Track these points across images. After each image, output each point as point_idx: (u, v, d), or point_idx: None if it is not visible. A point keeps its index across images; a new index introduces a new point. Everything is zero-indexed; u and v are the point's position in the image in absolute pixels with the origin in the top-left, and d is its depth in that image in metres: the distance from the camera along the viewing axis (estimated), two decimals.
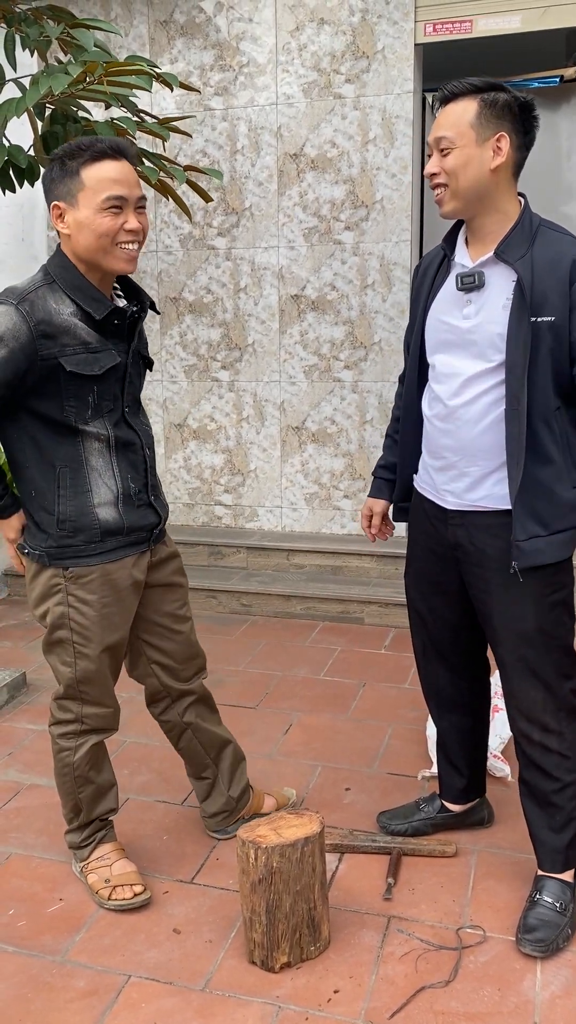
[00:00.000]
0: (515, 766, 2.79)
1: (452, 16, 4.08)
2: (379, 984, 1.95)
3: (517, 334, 1.89)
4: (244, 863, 1.97)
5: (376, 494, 2.38)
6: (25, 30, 2.38)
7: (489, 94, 1.89)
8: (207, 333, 4.69)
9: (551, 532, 1.97)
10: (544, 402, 1.94)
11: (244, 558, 4.60)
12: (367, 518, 2.40)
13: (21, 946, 2.09)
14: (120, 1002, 1.91)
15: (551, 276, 1.89)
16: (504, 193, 1.95)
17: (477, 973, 1.97)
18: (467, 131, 1.89)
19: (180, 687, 2.32)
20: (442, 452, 2.08)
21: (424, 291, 2.13)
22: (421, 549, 2.24)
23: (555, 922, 2.05)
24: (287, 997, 1.91)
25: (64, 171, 1.92)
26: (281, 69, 4.33)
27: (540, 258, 1.90)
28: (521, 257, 1.91)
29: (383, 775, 2.81)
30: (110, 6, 4.56)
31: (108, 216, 1.91)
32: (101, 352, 1.98)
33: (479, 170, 1.90)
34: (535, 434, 1.94)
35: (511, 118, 1.90)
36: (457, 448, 2.04)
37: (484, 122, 1.88)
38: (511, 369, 1.91)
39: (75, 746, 2.20)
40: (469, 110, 1.89)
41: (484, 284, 1.96)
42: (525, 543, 1.96)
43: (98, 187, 1.90)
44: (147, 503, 2.14)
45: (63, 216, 1.94)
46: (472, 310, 1.98)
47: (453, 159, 1.90)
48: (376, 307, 4.37)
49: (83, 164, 1.91)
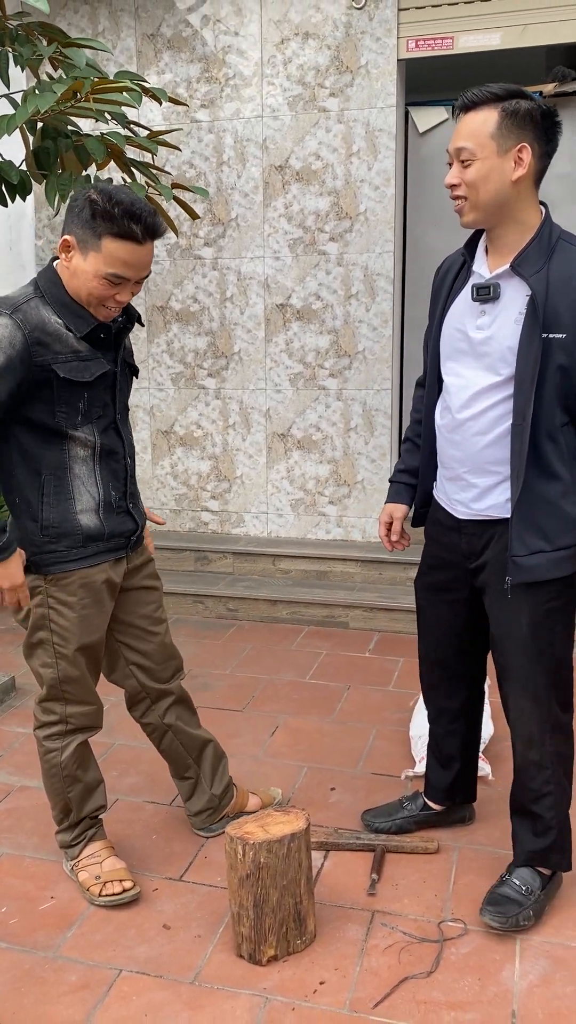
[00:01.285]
0: (496, 766, 2.87)
1: (434, 33, 4.17)
2: (363, 975, 2.01)
3: (528, 350, 1.88)
4: (232, 859, 2.03)
5: (395, 499, 2.33)
6: (18, 49, 2.45)
7: (510, 103, 1.84)
8: (194, 341, 4.75)
9: (555, 548, 1.97)
10: (551, 418, 1.93)
11: (230, 563, 4.66)
12: (386, 525, 2.34)
13: (14, 942, 2.13)
14: (112, 995, 1.96)
15: (565, 293, 1.87)
16: (525, 203, 1.92)
17: (458, 964, 2.04)
18: (488, 142, 1.84)
19: (159, 687, 2.38)
20: (450, 463, 2.10)
21: (442, 296, 2.11)
22: (433, 556, 2.26)
23: (518, 901, 2.13)
24: (274, 988, 1.97)
25: (90, 224, 1.93)
26: (267, 82, 4.41)
27: (556, 274, 1.88)
28: (537, 272, 1.88)
29: (367, 775, 2.87)
30: (98, 19, 4.62)
31: (105, 284, 1.97)
32: (91, 360, 2.05)
33: (500, 182, 1.86)
34: (541, 449, 1.94)
35: (533, 127, 1.86)
36: (464, 460, 2.05)
37: (505, 132, 1.84)
38: (519, 385, 1.90)
39: (62, 746, 2.25)
40: (490, 120, 1.84)
41: (499, 296, 1.94)
42: (524, 559, 1.96)
43: (110, 261, 1.94)
44: (126, 511, 2.21)
45: (70, 251, 1.99)
46: (486, 321, 1.97)
47: (474, 171, 1.86)
48: (360, 317, 4.45)
49: (108, 234, 1.92)
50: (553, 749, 2.12)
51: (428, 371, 2.20)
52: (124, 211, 1.92)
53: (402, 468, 2.34)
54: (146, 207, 1.95)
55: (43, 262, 4.93)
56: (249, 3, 4.36)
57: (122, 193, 1.96)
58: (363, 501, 4.61)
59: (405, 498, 2.32)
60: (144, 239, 1.95)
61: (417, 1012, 1.90)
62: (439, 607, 2.29)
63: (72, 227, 1.97)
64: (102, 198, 1.94)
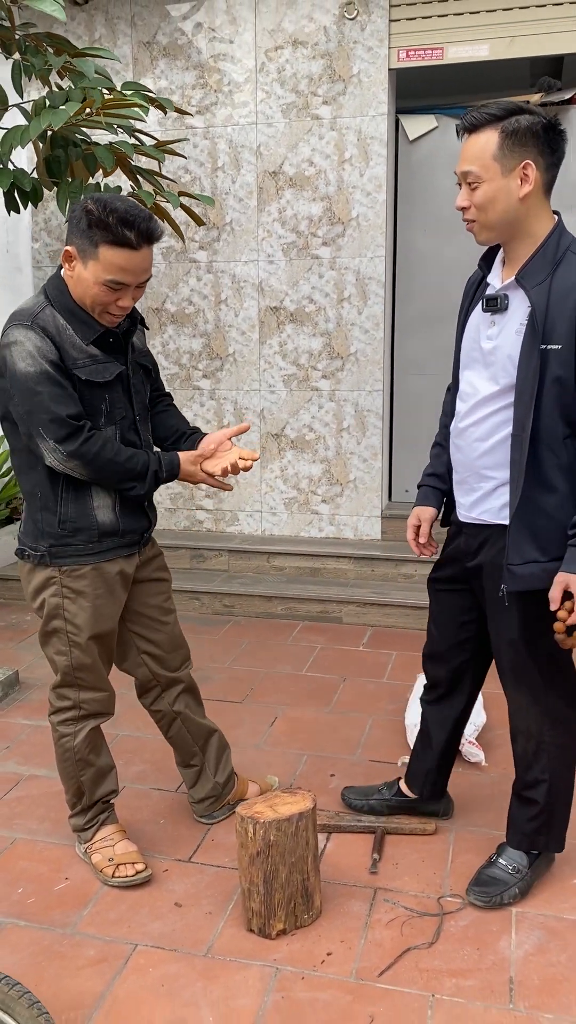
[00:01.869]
0: (489, 753, 2.98)
1: (424, 43, 4.29)
2: (368, 947, 2.11)
3: (528, 361, 1.92)
4: (243, 837, 2.12)
5: (423, 502, 2.36)
6: (30, 59, 2.54)
7: (510, 121, 1.87)
8: (189, 343, 4.85)
9: (550, 559, 2.00)
10: (551, 429, 1.96)
11: (226, 561, 4.75)
12: (414, 528, 2.36)
13: (32, 920, 2.22)
14: (129, 967, 2.05)
15: (564, 305, 1.90)
16: (535, 216, 1.95)
17: (458, 935, 2.14)
18: (491, 164, 1.88)
19: (169, 675, 2.47)
20: (457, 466, 2.18)
21: (464, 307, 2.17)
22: (446, 554, 2.34)
23: (504, 880, 2.25)
24: (284, 960, 2.07)
25: (87, 233, 2.00)
26: (261, 90, 4.51)
27: (558, 286, 1.91)
28: (539, 283, 1.92)
29: (365, 762, 2.97)
30: (94, 27, 4.71)
31: (106, 290, 2.04)
32: (106, 363, 2.14)
33: (507, 202, 1.91)
34: (540, 460, 1.97)
35: (535, 141, 1.88)
36: (467, 464, 2.13)
37: (508, 152, 1.87)
38: (519, 396, 1.95)
39: (75, 731, 2.34)
40: (491, 142, 1.88)
41: (508, 307, 2.00)
42: (519, 567, 2.01)
43: (107, 268, 2.01)
44: (141, 508, 2.30)
45: (72, 261, 2.06)
46: (495, 331, 2.03)
47: (481, 194, 1.91)
48: (352, 319, 4.56)
49: (104, 242, 1.99)
50: (552, 741, 2.20)
51: (452, 378, 2.27)
52: (119, 219, 1.98)
53: (430, 472, 2.37)
54: (141, 213, 2.01)
55: (39, 264, 5.00)
56: (244, 12, 4.46)
57: (117, 201, 2.03)
58: (355, 500, 4.72)
59: (432, 501, 2.35)
60: (139, 245, 2.01)
61: (420, 979, 2.01)
62: (445, 601, 2.37)
63: (72, 237, 2.05)
64: (97, 207, 2.00)
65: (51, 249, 4.97)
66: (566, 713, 2.20)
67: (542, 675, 2.16)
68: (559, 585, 1.94)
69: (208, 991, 1.98)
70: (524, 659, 2.15)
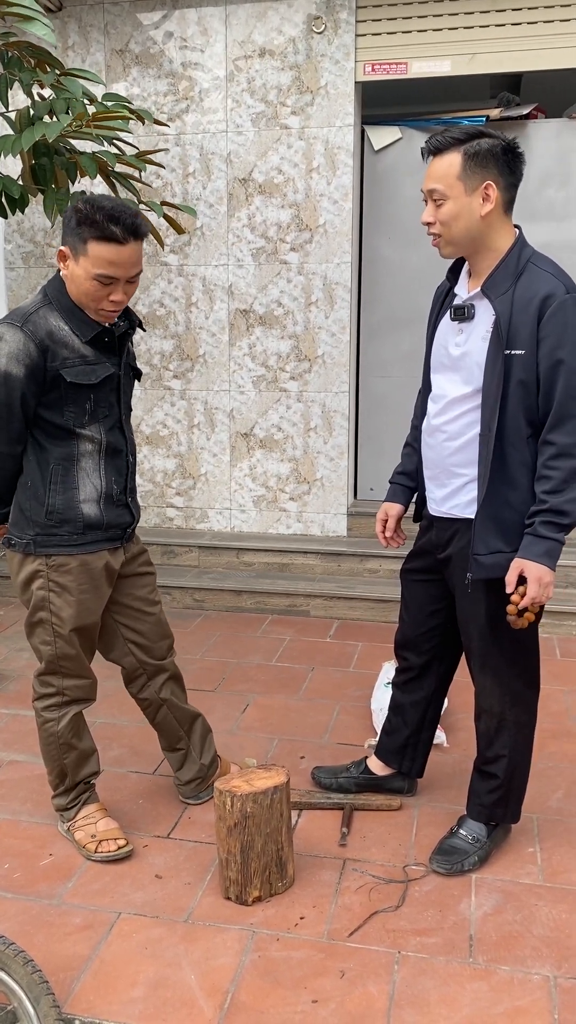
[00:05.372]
0: (450, 736, 3.14)
1: (389, 58, 4.46)
2: (338, 911, 2.26)
3: (493, 366, 2.07)
4: (221, 810, 2.26)
5: (391, 499, 2.52)
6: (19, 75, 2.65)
7: (472, 144, 2.03)
8: (160, 344, 4.96)
9: (513, 549, 2.14)
10: (516, 429, 2.10)
11: (196, 557, 4.88)
12: (382, 522, 2.51)
13: (19, 892, 2.33)
14: (114, 933, 2.18)
15: (525, 312, 2.04)
16: (496, 232, 2.11)
17: (422, 899, 2.30)
18: (455, 183, 2.04)
19: (155, 663, 2.59)
20: (427, 463, 2.34)
21: (433, 316, 2.33)
22: (417, 546, 2.49)
23: (464, 849, 2.41)
24: (260, 924, 2.21)
25: (77, 231, 2.13)
26: (231, 99, 4.65)
27: (520, 295, 2.06)
28: (503, 294, 2.07)
29: (333, 745, 3.12)
30: (67, 34, 4.80)
31: (97, 285, 2.16)
32: (97, 364, 2.25)
33: (470, 219, 2.07)
34: (506, 458, 2.11)
35: (495, 163, 2.03)
36: (437, 461, 2.28)
37: (470, 172, 2.03)
38: (485, 398, 2.10)
39: (58, 716, 2.46)
40: (455, 163, 2.03)
41: (474, 316, 2.15)
42: (484, 557, 2.15)
43: (96, 263, 2.13)
44: (125, 504, 2.42)
45: (66, 260, 2.18)
46: (462, 339, 2.18)
47: (446, 211, 2.07)
48: (320, 323, 4.71)
49: (92, 238, 2.11)
50: (513, 719, 2.36)
51: (423, 383, 2.43)
52: (106, 215, 2.10)
53: (400, 471, 2.53)
54: (127, 210, 2.14)
55: (12, 266, 5.08)
56: (214, 23, 4.60)
57: (106, 200, 2.16)
58: (322, 497, 4.88)
59: (400, 498, 2.52)
60: (126, 239, 2.13)
61: (387, 939, 2.16)
62: (416, 591, 2.52)
63: (65, 237, 2.18)
64: (86, 206, 2.13)
65: (23, 251, 5.06)
66: (526, 693, 2.36)
67: (505, 658, 2.31)
68: (514, 570, 2.10)
69: (189, 952, 2.11)
70: (489, 643, 2.29)
